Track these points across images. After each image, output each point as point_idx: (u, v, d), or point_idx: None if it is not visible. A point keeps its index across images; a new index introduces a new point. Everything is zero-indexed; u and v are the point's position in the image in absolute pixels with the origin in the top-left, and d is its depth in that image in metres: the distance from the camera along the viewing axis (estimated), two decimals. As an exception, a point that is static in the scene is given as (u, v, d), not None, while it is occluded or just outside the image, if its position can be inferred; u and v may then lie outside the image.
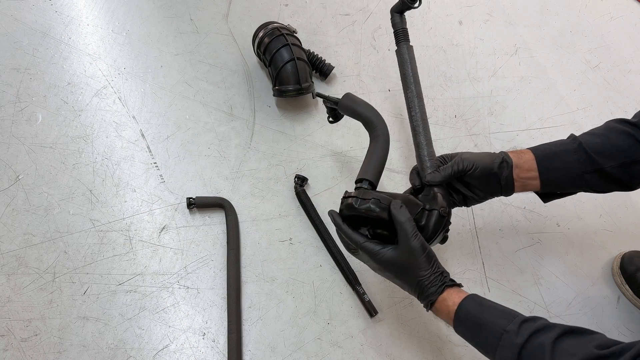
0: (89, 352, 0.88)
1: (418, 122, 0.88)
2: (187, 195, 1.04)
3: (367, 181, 0.82)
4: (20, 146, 1.03)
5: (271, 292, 0.98)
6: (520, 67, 1.36)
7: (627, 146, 0.80)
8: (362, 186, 0.81)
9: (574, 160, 0.82)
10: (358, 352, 0.95)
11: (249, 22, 1.26)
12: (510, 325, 0.66)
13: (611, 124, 0.85)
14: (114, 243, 0.97)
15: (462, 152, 0.86)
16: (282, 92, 1.11)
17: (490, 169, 0.82)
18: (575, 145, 0.83)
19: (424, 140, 0.87)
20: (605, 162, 0.81)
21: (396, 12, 0.93)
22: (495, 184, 0.84)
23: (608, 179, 0.82)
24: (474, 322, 0.70)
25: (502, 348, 0.65)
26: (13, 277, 0.92)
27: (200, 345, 0.92)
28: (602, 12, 1.52)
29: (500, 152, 0.85)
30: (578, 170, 0.82)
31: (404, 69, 0.90)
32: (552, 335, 0.62)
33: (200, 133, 1.11)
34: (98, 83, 1.12)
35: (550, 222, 1.16)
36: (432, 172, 0.83)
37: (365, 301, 0.97)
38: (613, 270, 1.11)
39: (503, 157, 0.83)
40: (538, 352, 0.62)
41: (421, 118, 0.88)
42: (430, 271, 0.73)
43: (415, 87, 0.89)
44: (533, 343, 0.63)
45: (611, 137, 0.82)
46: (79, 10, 1.20)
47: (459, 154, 0.85)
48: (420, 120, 0.88)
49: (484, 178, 0.83)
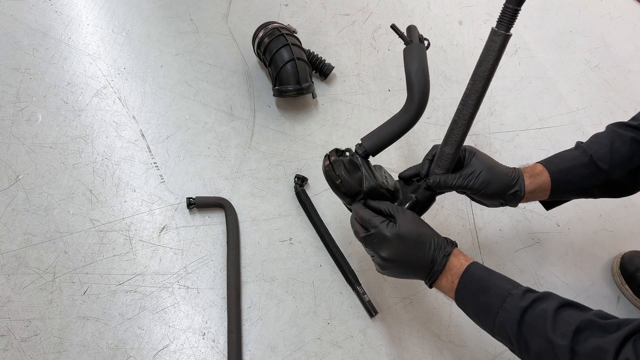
0: (89, 352, 0.88)
1: (462, 120, 0.77)
2: (187, 195, 1.04)
3: (363, 148, 0.83)
4: (20, 146, 1.03)
5: (271, 292, 0.98)
6: (520, 67, 1.36)
7: (632, 153, 0.81)
8: (357, 151, 0.83)
9: (586, 175, 0.83)
10: (358, 352, 0.95)
11: (249, 22, 1.26)
12: (516, 290, 0.67)
13: (614, 130, 0.85)
14: (114, 243, 0.97)
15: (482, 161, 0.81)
16: (282, 92, 1.11)
17: (498, 196, 0.82)
18: (586, 159, 0.83)
19: (456, 141, 0.78)
20: (614, 172, 0.81)
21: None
22: (497, 204, 0.85)
23: (614, 188, 0.84)
24: (480, 284, 0.70)
25: (505, 310, 0.66)
26: (13, 277, 0.92)
27: (200, 345, 0.92)
28: (602, 12, 1.52)
29: (517, 176, 0.82)
30: (589, 185, 0.83)
31: (485, 59, 0.73)
32: (555, 303, 0.63)
33: (200, 133, 1.11)
34: (98, 83, 1.12)
35: (550, 222, 1.16)
36: (438, 176, 0.80)
37: (365, 301, 0.97)
38: (613, 270, 1.11)
39: (516, 190, 0.82)
40: (540, 317, 0.63)
41: (468, 117, 0.77)
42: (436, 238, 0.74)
43: (483, 84, 0.74)
44: (536, 308, 0.64)
45: (617, 145, 0.82)
46: (79, 10, 1.20)
47: (476, 168, 0.81)
48: (466, 120, 0.77)
49: (489, 199, 0.84)
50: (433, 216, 1.11)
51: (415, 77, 0.81)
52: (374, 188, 0.79)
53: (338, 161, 0.80)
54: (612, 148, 0.82)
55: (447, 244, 0.74)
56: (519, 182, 0.83)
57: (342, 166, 0.80)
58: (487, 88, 0.76)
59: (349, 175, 0.79)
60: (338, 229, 1.06)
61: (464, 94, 0.77)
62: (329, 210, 1.07)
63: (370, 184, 0.79)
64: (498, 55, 0.73)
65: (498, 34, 0.72)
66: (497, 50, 0.72)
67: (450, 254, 0.73)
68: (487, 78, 0.74)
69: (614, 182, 0.83)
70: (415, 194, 0.82)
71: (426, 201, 0.82)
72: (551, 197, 0.86)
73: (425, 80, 0.81)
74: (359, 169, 0.80)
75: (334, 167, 0.80)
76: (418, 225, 0.75)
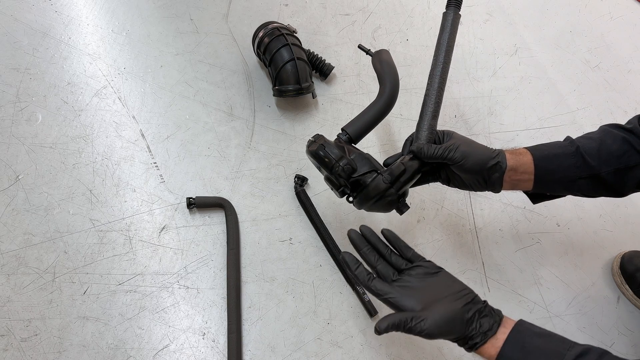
0: (89, 352, 0.88)
1: (432, 92, 0.86)
2: (187, 195, 1.04)
3: (346, 133, 0.88)
4: (20, 146, 1.03)
5: (271, 292, 0.98)
6: (520, 67, 1.36)
7: (622, 152, 0.79)
8: (340, 137, 0.88)
9: (571, 165, 0.81)
10: (358, 352, 0.95)
11: (249, 22, 1.26)
12: None
13: (607, 129, 0.84)
14: (114, 243, 0.97)
15: (460, 138, 0.84)
16: (282, 92, 1.11)
17: (480, 168, 0.81)
18: (573, 149, 0.82)
19: (430, 112, 0.85)
20: (600, 168, 0.80)
21: None
22: (481, 181, 0.83)
23: (600, 184, 0.82)
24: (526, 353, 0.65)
25: None
26: (13, 277, 0.92)
27: (200, 345, 0.92)
28: (602, 12, 1.52)
29: (498, 151, 0.83)
30: (573, 176, 0.81)
31: (441, 35, 0.89)
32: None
33: (200, 133, 1.11)
34: (98, 83, 1.12)
35: (550, 222, 1.16)
36: (421, 145, 0.82)
37: (365, 301, 0.97)
38: (613, 270, 1.11)
39: (498, 161, 0.81)
40: None
41: (437, 89, 0.86)
42: None
43: (443, 57, 0.87)
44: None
45: (607, 142, 0.81)
46: (79, 10, 1.20)
47: (456, 140, 0.82)
48: (435, 91, 0.86)
49: (471, 173, 0.82)
50: (433, 216, 1.11)
51: (382, 67, 0.92)
52: (360, 155, 0.83)
53: (320, 136, 0.86)
54: (602, 144, 0.81)
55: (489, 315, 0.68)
56: (499, 155, 0.82)
57: (324, 139, 0.85)
58: (450, 61, 0.88)
59: (331, 145, 0.83)
60: (338, 229, 1.06)
61: (430, 71, 0.87)
62: (329, 210, 1.07)
63: (355, 153, 0.83)
64: (452, 31, 0.88)
65: (448, 14, 0.89)
66: (450, 26, 0.88)
67: (492, 337, 0.67)
68: (446, 51, 0.87)
69: (601, 179, 0.81)
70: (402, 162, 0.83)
71: (411, 168, 0.82)
72: (536, 186, 0.83)
73: (391, 67, 0.92)
74: (343, 148, 0.84)
75: (317, 140, 0.84)
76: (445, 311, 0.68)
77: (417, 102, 1.24)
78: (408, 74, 1.28)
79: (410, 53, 1.32)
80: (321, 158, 0.82)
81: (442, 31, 0.89)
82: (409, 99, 1.24)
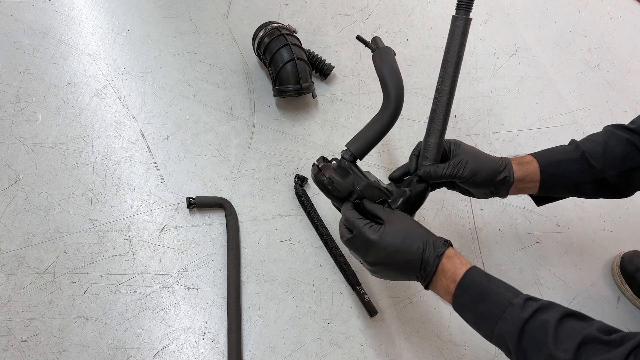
0: (89, 352, 0.88)
1: (440, 108, 0.80)
2: (187, 195, 1.04)
3: (350, 152, 0.82)
4: (20, 146, 1.03)
5: (271, 292, 0.98)
6: (520, 67, 1.36)
7: (626, 153, 0.80)
8: (344, 157, 0.82)
9: (576, 170, 0.81)
10: (358, 352, 0.95)
11: (249, 22, 1.26)
12: (516, 299, 0.65)
13: (610, 130, 0.84)
14: (114, 243, 0.97)
15: (467, 151, 0.83)
16: (282, 92, 1.11)
17: (488, 183, 0.81)
18: (578, 154, 0.82)
19: (438, 130, 0.80)
20: (605, 171, 0.80)
21: None
22: (488, 193, 0.84)
23: (605, 187, 0.82)
24: (479, 290, 0.68)
25: (505, 320, 0.64)
26: (13, 277, 0.92)
27: (200, 345, 0.92)
28: (602, 12, 1.52)
29: (505, 162, 0.83)
30: (579, 181, 0.82)
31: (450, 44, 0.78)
32: (556, 315, 0.61)
33: (200, 133, 1.11)
34: (98, 83, 1.12)
35: (550, 222, 1.16)
36: (428, 169, 0.81)
37: (365, 301, 0.97)
38: (613, 270, 1.11)
39: (505, 175, 0.81)
40: (541, 329, 0.61)
41: (446, 104, 0.80)
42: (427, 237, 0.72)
43: (453, 69, 0.78)
44: (537, 320, 0.62)
45: (611, 144, 0.81)
46: (79, 10, 1.21)
47: (464, 156, 0.82)
48: (444, 107, 0.80)
49: (479, 188, 0.83)
50: (433, 216, 1.11)
51: (388, 75, 0.83)
52: (369, 185, 0.79)
53: (327, 166, 0.79)
54: (606, 147, 0.81)
55: (440, 244, 0.72)
56: (507, 168, 0.82)
57: (330, 169, 0.78)
58: (459, 73, 0.79)
59: (339, 176, 0.77)
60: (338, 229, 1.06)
61: (438, 82, 0.80)
62: (329, 210, 1.07)
63: (363, 183, 0.78)
64: (462, 40, 0.77)
65: (459, 19, 0.77)
66: (460, 34, 0.77)
67: (443, 255, 0.71)
68: (456, 63, 0.78)
69: (605, 182, 0.81)
70: (409, 187, 0.82)
71: (420, 194, 0.82)
72: (541, 191, 0.84)
73: (397, 77, 0.83)
74: (348, 172, 0.79)
75: (323, 171, 0.78)
76: (407, 225, 0.73)
77: (417, 103, 1.25)
78: (408, 74, 1.28)
79: (410, 53, 1.32)
80: (329, 192, 0.79)
81: (452, 39, 0.78)
82: (409, 99, 1.24)
